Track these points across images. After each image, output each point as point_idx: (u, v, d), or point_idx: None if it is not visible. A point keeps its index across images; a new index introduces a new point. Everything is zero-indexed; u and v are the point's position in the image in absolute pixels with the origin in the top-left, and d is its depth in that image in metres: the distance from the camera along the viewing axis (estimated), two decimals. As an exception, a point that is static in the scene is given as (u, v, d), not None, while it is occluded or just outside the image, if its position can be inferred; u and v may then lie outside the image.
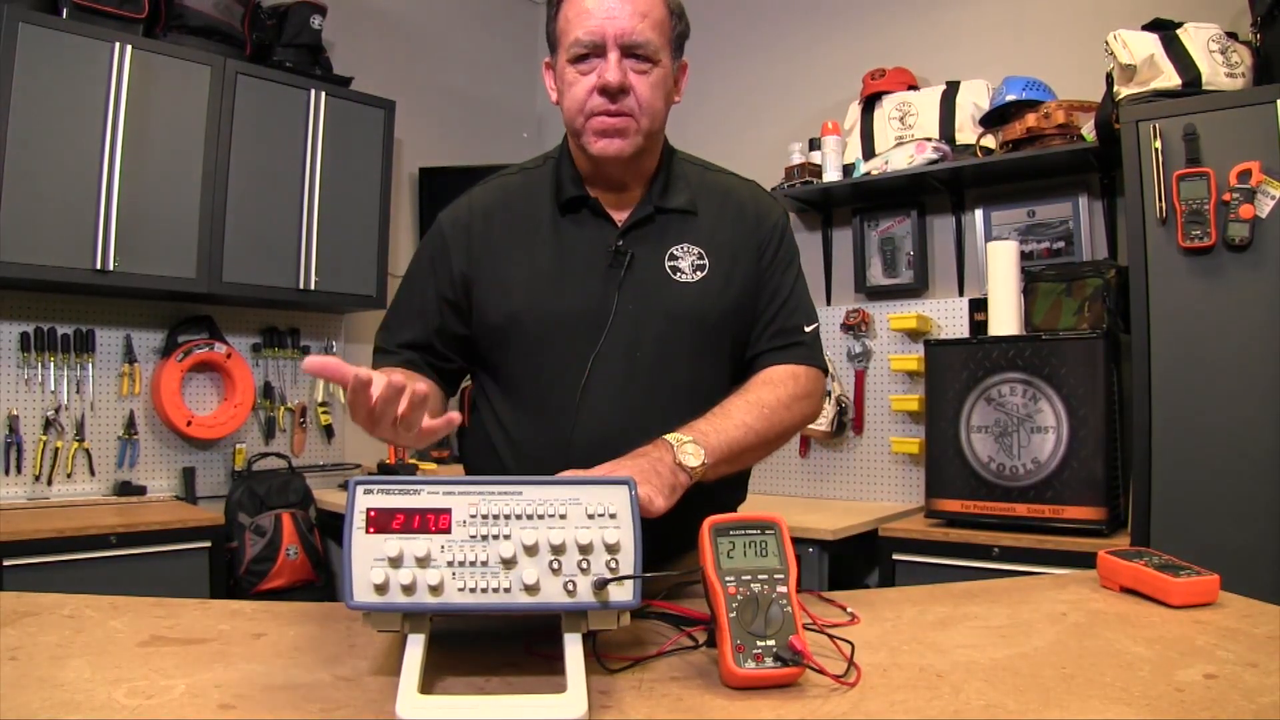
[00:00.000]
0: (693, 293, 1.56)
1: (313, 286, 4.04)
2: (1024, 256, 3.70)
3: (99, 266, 3.44)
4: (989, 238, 3.89)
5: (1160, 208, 2.86)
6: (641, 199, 1.60)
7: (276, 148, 3.99)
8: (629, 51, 1.46)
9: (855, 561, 3.73)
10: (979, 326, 3.78)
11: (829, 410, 4.12)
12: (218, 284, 3.78)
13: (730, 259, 1.60)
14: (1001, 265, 3.49)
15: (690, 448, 1.33)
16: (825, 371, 1.67)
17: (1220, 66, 2.96)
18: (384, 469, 4.52)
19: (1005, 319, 3.46)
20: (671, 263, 1.57)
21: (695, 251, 1.58)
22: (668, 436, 1.35)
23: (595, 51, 1.46)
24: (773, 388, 1.54)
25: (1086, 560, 1.63)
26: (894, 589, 1.55)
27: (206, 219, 3.74)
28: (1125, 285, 3.12)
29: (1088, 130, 3.47)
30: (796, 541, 1.00)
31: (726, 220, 1.63)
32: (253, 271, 3.89)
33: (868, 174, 3.99)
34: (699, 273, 1.57)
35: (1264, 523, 2.66)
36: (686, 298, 1.56)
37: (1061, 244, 3.78)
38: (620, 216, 1.59)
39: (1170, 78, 2.99)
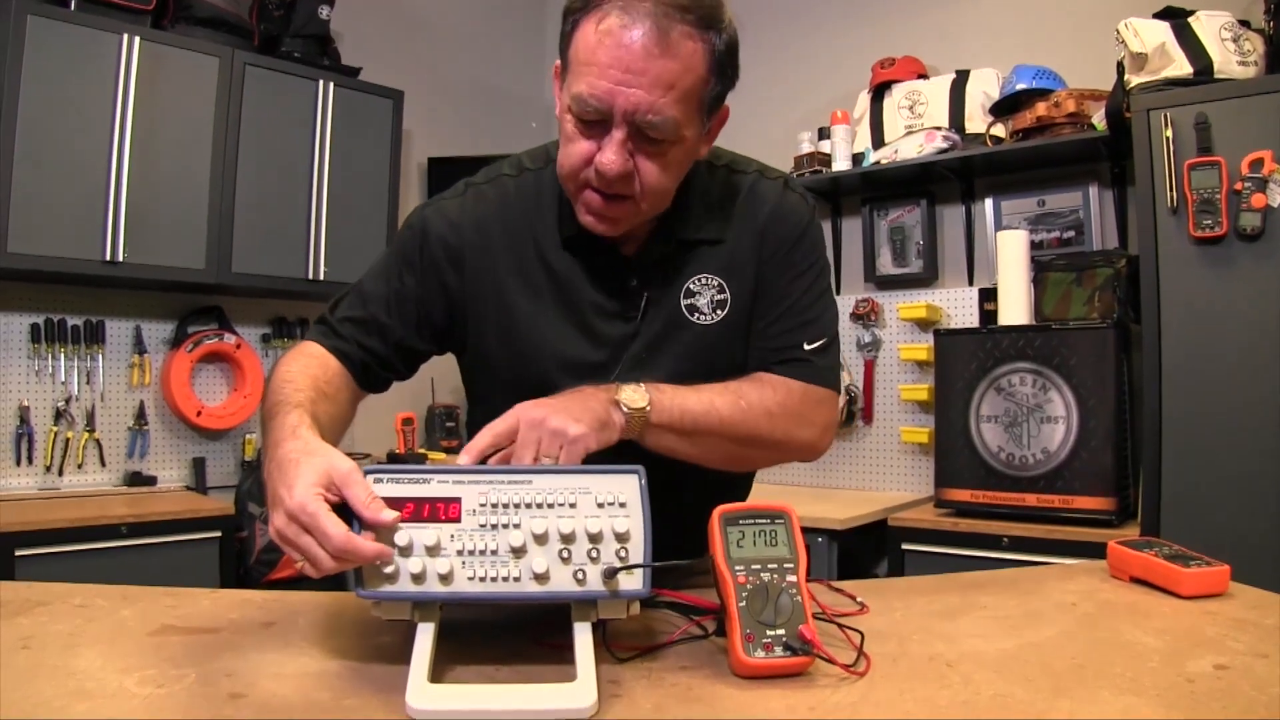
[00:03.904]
0: (712, 336, 1.40)
1: (322, 276, 4.04)
2: (1034, 246, 3.69)
3: (108, 258, 3.44)
4: (999, 227, 3.88)
5: (1171, 197, 2.84)
6: (656, 228, 1.39)
7: (285, 138, 3.99)
8: (640, 130, 1.21)
9: (864, 551, 3.73)
10: (989, 316, 3.77)
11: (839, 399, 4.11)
12: (227, 274, 3.78)
13: (754, 284, 1.42)
14: (1011, 254, 3.48)
15: (635, 391, 1.23)
16: (837, 392, 1.46)
17: (1232, 55, 2.95)
18: (393, 458, 4.53)
19: (1015, 308, 3.45)
20: (688, 300, 1.40)
21: (715, 284, 1.40)
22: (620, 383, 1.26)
23: (600, 117, 1.21)
24: (759, 388, 1.37)
25: (1096, 550, 1.62)
26: (903, 579, 1.55)
27: (215, 210, 3.74)
28: (1136, 275, 3.11)
29: (1098, 119, 3.45)
30: (806, 531, 0.99)
31: (746, 233, 1.42)
32: (262, 262, 3.90)
33: (877, 163, 3.99)
34: (719, 310, 1.40)
35: (1274, 513, 2.66)
36: (705, 342, 1.40)
37: (1072, 233, 3.77)
38: (631, 247, 1.40)
39: (1182, 66, 2.97)
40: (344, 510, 0.95)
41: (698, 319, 1.40)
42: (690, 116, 1.24)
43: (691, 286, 1.40)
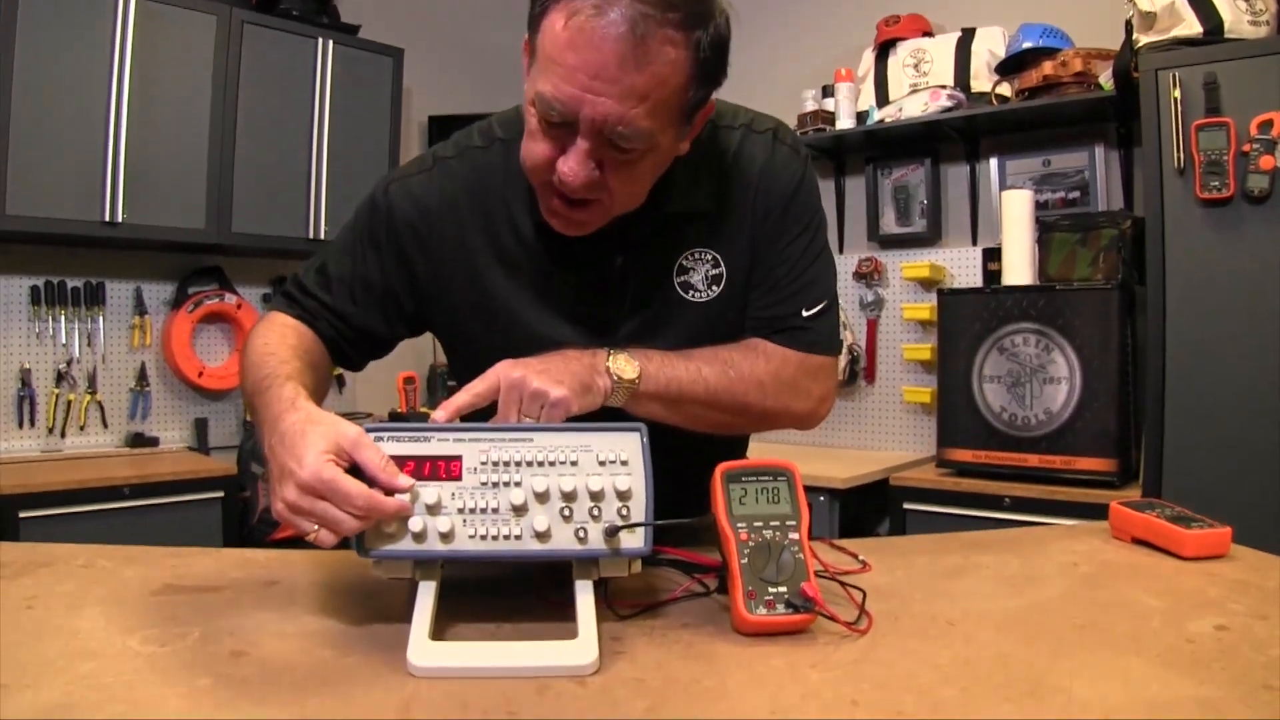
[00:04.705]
0: (709, 314, 1.33)
1: (322, 236, 4.03)
2: (1039, 206, 3.67)
3: (108, 219, 3.43)
4: (1003, 187, 3.86)
5: (1178, 158, 2.82)
6: (641, 203, 1.25)
7: (284, 97, 3.96)
8: (609, 140, 1.10)
9: (866, 511, 3.75)
10: (992, 276, 3.76)
11: (840, 359, 4.11)
12: (227, 234, 3.78)
13: (749, 251, 1.34)
14: (1016, 214, 3.46)
15: (626, 360, 1.19)
16: (836, 356, 1.41)
17: (1244, 14, 2.91)
18: (395, 417, 4.54)
19: (1019, 269, 3.43)
20: (681, 278, 1.32)
21: (709, 258, 1.33)
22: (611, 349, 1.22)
23: (565, 120, 1.10)
24: (752, 358, 1.31)
25: (1097, 512, 1.62)
26: (905, 538, 1.55)
27: (215, 170, 3.73)
28: (1141, 236, 3.09)
29: (1105, 79, 3.42)
30: (807, 490, 0.99)
31: (738, 197, 1.33)
32: (262, 222, 3.89)
33: (881, 121, 3.96)
34: (715, 286, 1.33)
35: (1276, 476, 2.66)
36: (702, 321, 1.33)
37: (1077, 194, 3.74)
38: (615, 223, 1.26)
39: (1191, 25, 2.94)
40: (355, 476, 0.95)
41: (693, 296, 1.33)
42: (666, 125, 1.13)
43: (684, 263, 1.32)
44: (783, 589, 0.96)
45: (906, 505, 3.42)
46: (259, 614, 1.03)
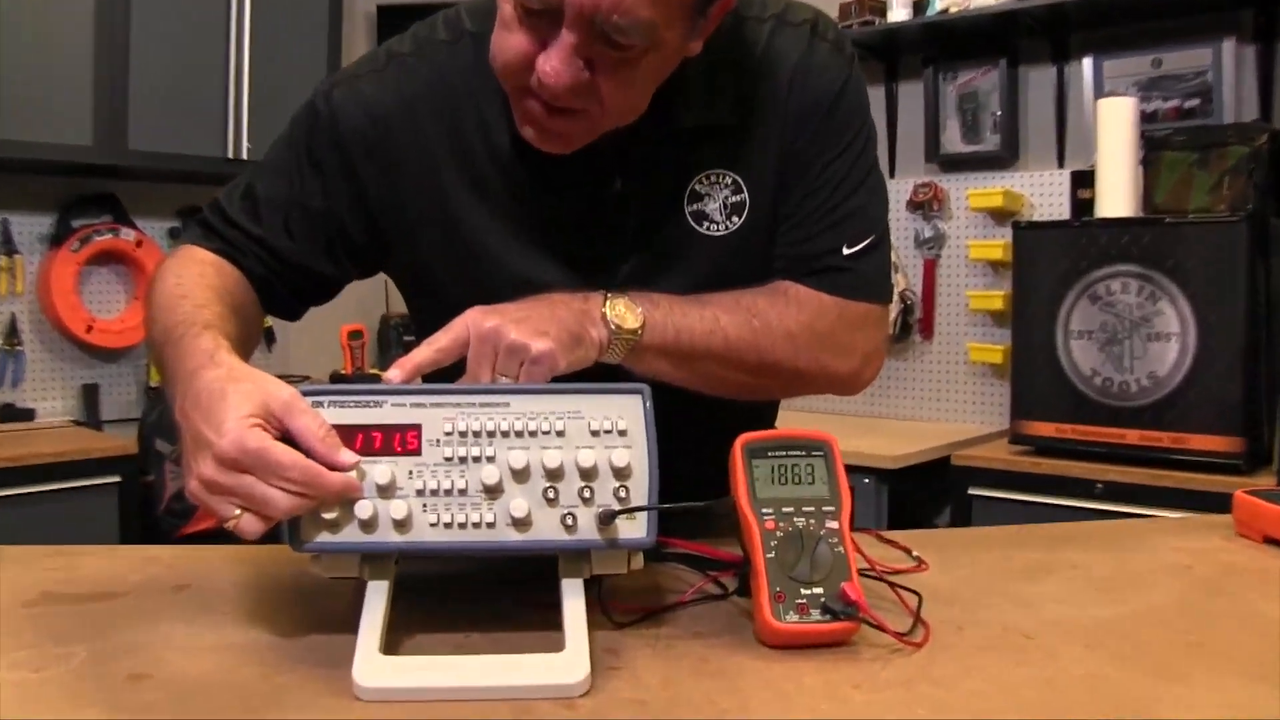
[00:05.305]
0: (728, 251, 1.34)
1: (245, 155, 4.03)
2: (1145, 118, 3.65)
3: (-34, 133, 3.42)
4: (1100, 94, 3.84)
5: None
6: (644, 112, 1.24)
7: (192, -22, 3.93)
8: (601, 32, 1.07)
9: (921, 497, 3.77)
10: (1083, 206, 3.75)
11: (890, 309, 4.11)
12: (121, 153, 3.76)
13: (778, 173, 1.33)
14: (1115, 129, 3.44)
15: (626, 305, 1.20)
16: (885, 305, 1.42)
17: None
18: (339, 379, 4.54)
19: (1118, 197, 3.42)
20: (694, 206, 1.32)
21: (728, 181, 1.33)
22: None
23: (547, 7, 1.08)
24: (781, 304, 1.31)
25: (1215, 502, 1.63)
26: (970, 529, 1.55)
27: (105, 70, 3.69)
28: (1279, 155, 3.07)
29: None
30: (849, 470, 0.99)
31: (765, 106, 1.32)
32: (167, 137, 3.87)
33: (944, 12, 3.93)
34: (735, 216, 1.33)
35: None
36: (719, 259, 1.33)
37: (1196, 101, 3.72)
38: (611, 138, 1.25)
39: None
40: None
41: (708, 229, 1.33)
42: (672, 16, 1.10)
43: (697, 188, 1.32)
44: (818, 591, 0.96)
45: (972, 490, 3.43)
46: (165, 626, 1.03)
